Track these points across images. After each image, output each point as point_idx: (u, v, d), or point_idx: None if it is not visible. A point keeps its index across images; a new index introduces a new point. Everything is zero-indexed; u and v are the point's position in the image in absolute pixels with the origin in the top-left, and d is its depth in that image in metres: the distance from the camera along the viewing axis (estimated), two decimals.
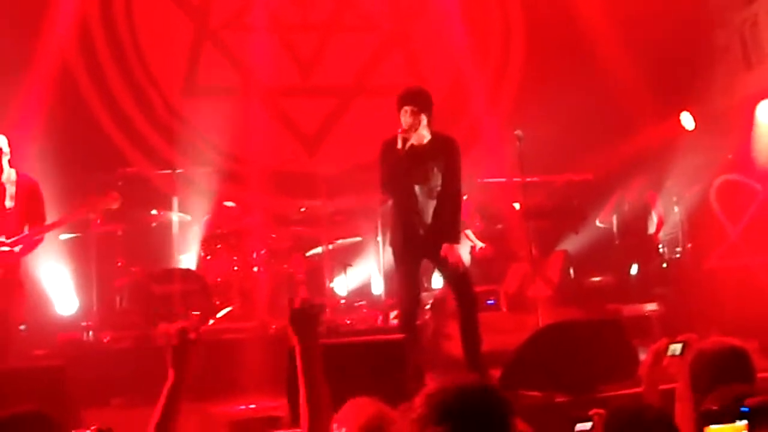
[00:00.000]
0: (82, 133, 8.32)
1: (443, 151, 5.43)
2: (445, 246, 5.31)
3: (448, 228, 5.40)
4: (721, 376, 2.75)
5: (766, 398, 2.28)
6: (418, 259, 5.51)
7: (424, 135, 5.41)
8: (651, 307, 7.37)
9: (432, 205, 5.39)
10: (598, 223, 8.34)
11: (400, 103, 5.40)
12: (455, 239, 5.44)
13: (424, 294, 6.71)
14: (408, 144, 5.28)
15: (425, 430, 1.86)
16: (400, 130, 5.32)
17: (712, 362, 2.93)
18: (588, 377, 4.98)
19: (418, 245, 5.42)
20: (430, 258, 5.54)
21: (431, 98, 5.49)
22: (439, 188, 5.39)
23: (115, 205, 5.73)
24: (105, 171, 7.36)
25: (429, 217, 5.40)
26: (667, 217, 8.25)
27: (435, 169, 5.39)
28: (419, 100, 5.38)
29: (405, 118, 5.34)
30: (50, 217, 5.69)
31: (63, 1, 8.31)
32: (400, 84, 9.57)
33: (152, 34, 9.05)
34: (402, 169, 5.30)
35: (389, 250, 7.87)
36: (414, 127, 5.32)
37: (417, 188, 5.39)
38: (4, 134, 5.58)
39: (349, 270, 8.02)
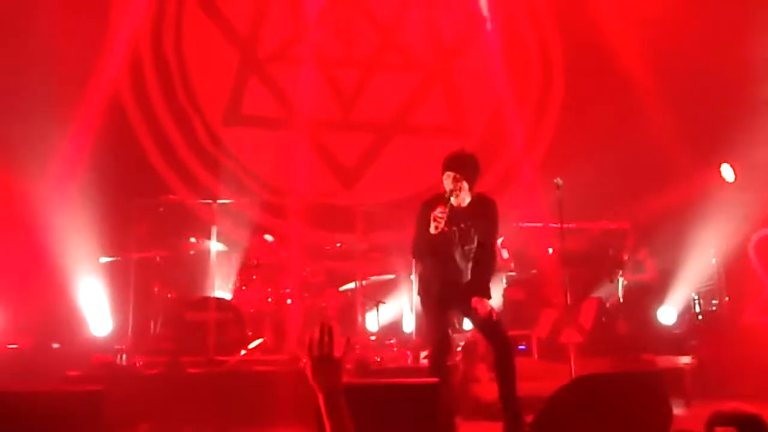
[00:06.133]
0: (126, 161, 8.51)
1: (482, 214, 5.40)
2: (474, 299, 5.28)
3: (479, 284, 5.37)
4: None
5: None
6: (446, 306, 5.49)
7: (464, 198, 5.39)
8: (685, 359, 7.26)
9: (467, 265, 5.37)
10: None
11: (444, 167, 5.37)
12: (485, 293, 5.40)
13: (455, 335, 6.70)
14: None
15: None
16: (439, 211, 5.16)
17: (728, 425, 2.95)
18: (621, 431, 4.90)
19: (447, 296, 5.40)
20: (459, 309, 5.56)
21: (477, 165, 5.44)
22: (474, 250, 5.35)
23: None
24: (147, 198, 7.51)
25: (464, 277, 5.38)
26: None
27: (472, 232, 5.35)
28: (462, 168, 5.35)
29: (447, 182, 5.33)
30: None
31: (116, 35, 8.61)
32: (438, 124, 9.80)
33: (199, 65, 9.26)
34: (439, 238, 5.23)
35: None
36: (454, 192, 5.29)
37: (454, 251, 5.33)
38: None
39: (381, 306, 8.03)
